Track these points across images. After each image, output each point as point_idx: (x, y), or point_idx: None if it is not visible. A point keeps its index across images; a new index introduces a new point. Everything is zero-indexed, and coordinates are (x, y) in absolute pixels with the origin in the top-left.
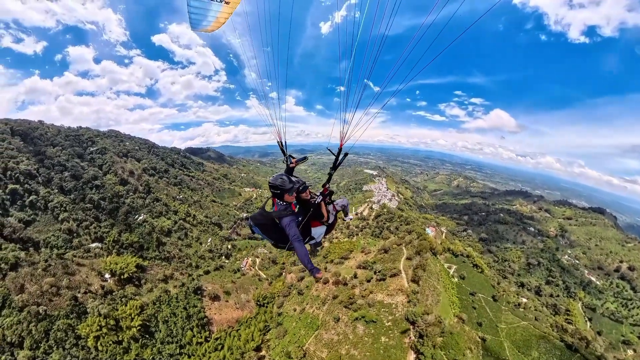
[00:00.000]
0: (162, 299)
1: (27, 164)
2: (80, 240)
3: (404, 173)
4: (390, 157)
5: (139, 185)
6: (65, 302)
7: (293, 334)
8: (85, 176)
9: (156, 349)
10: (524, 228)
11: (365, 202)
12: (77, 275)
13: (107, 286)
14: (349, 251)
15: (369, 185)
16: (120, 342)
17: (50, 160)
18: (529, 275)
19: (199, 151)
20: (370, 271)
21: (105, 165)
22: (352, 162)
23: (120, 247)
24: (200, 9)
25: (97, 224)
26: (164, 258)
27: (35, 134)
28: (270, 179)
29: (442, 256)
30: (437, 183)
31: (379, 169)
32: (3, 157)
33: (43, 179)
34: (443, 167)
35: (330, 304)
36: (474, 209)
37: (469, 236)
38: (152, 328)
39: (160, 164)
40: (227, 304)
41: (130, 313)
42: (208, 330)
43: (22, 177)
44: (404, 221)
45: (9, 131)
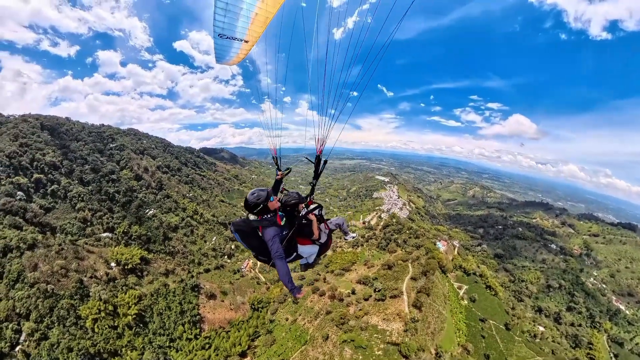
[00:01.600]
0: (160, 292)
1: (52, 156)
2: (93, 229)
3: (416, 181)
4: (403, 163)
5: (152, 182)
6: (72, 283)
7: (280, 345)
8: (104, 170)
9: (147, 338)
10: (544, 245)
11: (374, 211)
12: (86, 260)
13: (112, 274)
14: (352, 263)
15: (380, 192)
16: (115, 327)
17: (73, 153)
18: (548, 299)
19: (213, 151)
20: (370, 288)
21: (122, 161)
22: (364, 168)
23: (128, 239)
24: (224, 46)
25: (110, 215)
26: (168, 252)
27: (62, 129)
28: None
29: (453, 274)
30: (451, 192)
31: (390, 175)
32: (31, 149)
33: (65, 171)
34: (458, 175)
35: (322, 319)
36: (490, 221)
37: (484, 251)
38: (146, 318)
39: (174, 163)
40: (222, 304)
41: (129, 301)
42: (199, 328)
43: (47, 168)
44: (413, 234)
45: (39, 126)
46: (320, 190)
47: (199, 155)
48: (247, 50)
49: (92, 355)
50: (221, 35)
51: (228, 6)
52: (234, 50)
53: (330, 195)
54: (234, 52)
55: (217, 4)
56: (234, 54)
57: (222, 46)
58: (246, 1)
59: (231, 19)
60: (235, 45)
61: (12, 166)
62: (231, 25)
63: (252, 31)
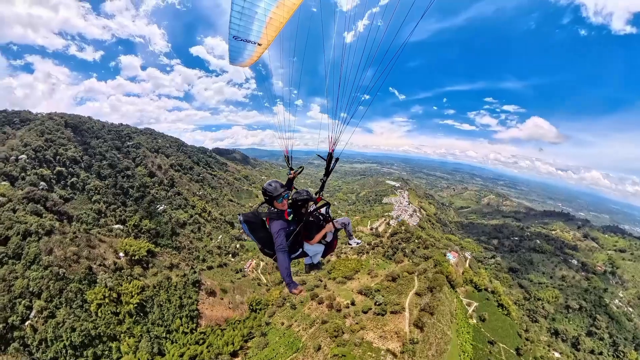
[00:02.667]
0: (162, 285)
1: (74, 151)
2: (106, 220)
3: (428, 186)
4: (415, 168)
5: (165, 179)
6: (82, 269)
7: (272, 349)
8: (120, 166)
9: (146, 327)
10: (564, 260)
11: (383, 217)
12: (97, 249)
13: (119, 263)
14: (355, 271)
15: (390, 197)
16: (117, 314)
17: (93, 149)
18: (566, 321)
19: (225, 152)
20: (371, 300)
21: (138, 158)
22: (374, 172)
23: (138, 232)
24: (238, 48)
25: (123, 208)
26: (174, 247)
27: (84, 127)
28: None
29: (462, 289)
30: (464, 199)
31: (401, 180)
32: (55, 144)
33: (85, 165)
34: (472, 182)
35: (317, 328)
36: (506, 231)
37: (497, 265)
38: (147, 308)
39: (187, 161)
40: (221, 302)
41: (132, 291)
42: (196, 323)
43: (68, 162)
44: (422, 244)
45: (63, 123)
46: (329, 193)
47: (211, 155)
48: (260, 53)
49: (93, 337)
50: (236, 38)
51: (244, 10)
52: (247, 52)
53: (339, 199)
54: (247, 55)
55: (233, 7)
56: (247, 56)
57: (236, 48)
58: (261, 6)
59: (246, 22)
60: (249, 47)
61: (37, 159)
62: (246, 28)
63: (266, 35)
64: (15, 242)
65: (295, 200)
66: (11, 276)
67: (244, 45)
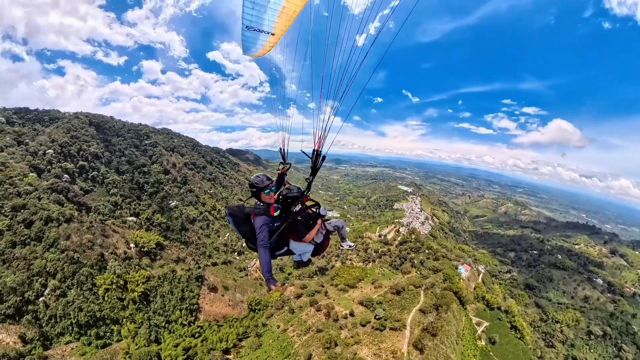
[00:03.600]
0: (167, 276)
1: (96, 147)
2: (121, 212)
3: (442, 193)
4: (429, 173)
5: (178, 177)
6: (94, 255)
7: (264, 351)
8: (137, 163)
9: (147, 315)
10: (588, 278)
11: (393, 223)
12: (110, 238)
13: (129, 253)
14: (358, 279)
15: (401, 203)
16: (122, 300)
17: (113, 147)
18: (586, 349)
19: (239, 152)
20: (371, 313)
21: (154, 156)
22: (386, 177)
23: (150, 225)
24: (251, 38)
25: (138, 202)
26: (183, 242)
27: (106, 126)
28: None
29: (473, 306)
30: (480, 208)
31: (414, 185)
32: (80, 140)
33: (105, 161)
34: (489, 189)
35: (311, 336)
36: (524, 244)
37: (513, 280)
38: (150, 297)
39: (200, 161)
40: (221, 298)
41: (138, 280)
42: (195, 316)
43: (90, 157)
44: (433, 254)
45: (87, 122)
46: (340, 196)
47: (224, 155)
48: (273, 43)
49: (97, 318)
50: (249, 28)
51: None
52: (260, 42)
53: (349, 202)
54: (260, 44)
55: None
56: (260, 46)
57: (249, 38)
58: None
59: (259, 11)
60: (262, 37)
61: (63, 153)
62: (259, 18)
63: (278, 24)
64: (38, 226)
65: (285, 196)
66: (31, 256)
67: (257, 35)
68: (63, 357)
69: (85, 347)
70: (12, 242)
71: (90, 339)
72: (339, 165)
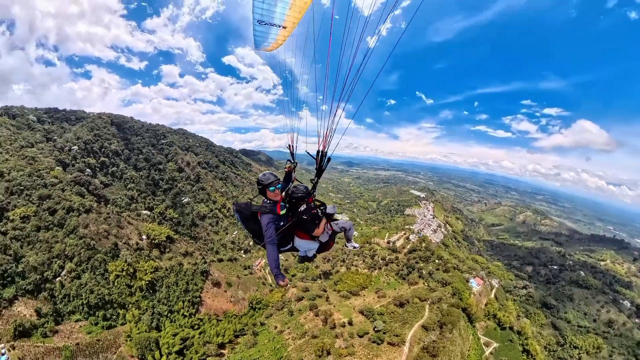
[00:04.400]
0: (174, 269)
1: (116, 145)
2: (137, 205)
3: (457, 199)
4: (443, 178)
5: (191, 175)
6: (109, 244)
7: (258, 350)
8: (154, 160)
9: (152, 303)
10: (613, 300)
11: (403, 230)
12: (125, 229)
13: (141, 244)
14: (362, 287)
15: (413, 209)
16: (130, 286)
17: (132, 145)
18: None
19: (251, 153)
20: (370, 324)
21: (169, 154)
22: (399, 180)
23: (162, 219)
24: (262, 32)
25: (152, 197)
26: (192, 237)
27: (126, 126)
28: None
29: (482, 324)
30: (497, 216)
31: (427, 191)
32: (102, 138)
33: (124, 158)
34: (507, 196)
35: (306, 341)
36: (543, 257)
37: (529, 297)
38: (156, 287)
39: (213, 160)
40: (224, 294)
41: (146, 269)
42: (196, 309)
43: (111, 154)
44: (443, 266)
45: (109, 122)
46: (350, 200)
47: (237, 156)
48: (284, 37)
49: (106, 301)
50: (260, 22)
51: None
52: (272, 36)
53: (360, 206)
54: (272, 39)
55: None
56: (272, 40)
57: (261, 32)
58: None
59: (269, 5)
60: (273, 31)
61: (86, 150)
62: (270, 11)
63: (290, 17)
64: (61, 214)
65: (292, 194)
66: (53, 240)
67: (268, 29)
68: (71, 333)
69: (92, 327)
70: (37, 227)
71: (97, 319)
72: (350, 167)
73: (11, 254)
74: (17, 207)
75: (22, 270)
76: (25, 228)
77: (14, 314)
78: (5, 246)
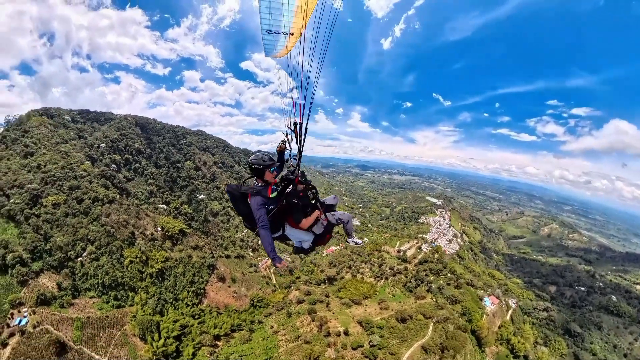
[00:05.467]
0: (183, 260)
1: (140, 144)
2: (155, 199)
3: (476, 207)
4: (462, 184)
5: (207, 173)
6: (126, 233)
7: (250, 347)
8: (173, 159)
9: (159, 290)
10: None
11: (416, 238)
12: (142, 220)
13: (155, 235)
14: (365, 296)
15: (428, 217)
16: (142, 272)
17: (154, 144)
18: None
19: None
20: (367, 336)
21: (187, 154)
22: (415, 186)
23: (177, 213)
24: (272, 40)
25: (170, 192)
26: (203, 232)
27: (149, 127)
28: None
29: (494, 349)
30: (519, 227)
31: (444, 198)
32: (127, 137)
33: (146, 155)
34: (530, 205)
35: (297, 345)
36: (569, 276)
37: (550, 322)
38: (165, 275)
39: (229, 160)
40: (227, 289)
41: (158, 258)
42: (199, 300)
43: (134, 152)
44: (455, 280)
45: (134, 123)
46: (363, 204)
47: None
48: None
49: (118, 283)
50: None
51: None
52: (281, 43)
53: (372, 211)
54: (281, 45)
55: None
56: (281, 46)
57: (270, 41)
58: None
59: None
60: (281, 38)
61: (113, 147)
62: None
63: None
64: (87, 203)
65: (284, 177)
66: (78, 225)
67: (276, 37)
68: (85, 307)
69: (103, 304)
70: (65, 213)
71: (109, 298)
72: (365, 171)
73: (42, 234)
74: (50, 195)
75: (50, 248)
76: (55, 213)
77: (39, 285)
78: (37, 227)
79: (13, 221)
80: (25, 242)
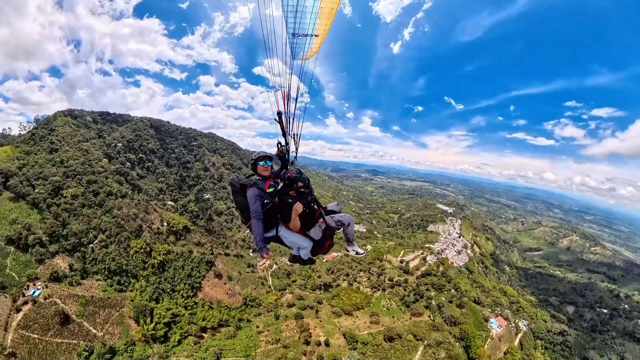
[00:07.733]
0: (184, 255)
1: (153, 144)
2: (164, 197)
3: (489, 216)
4: (475, 192)
5: (215, 174)
6: (135, 225)
7: (233, 343)
8: (183, 159)
9: (158, 280)
10: None
11: (421, 248)
12: (150, 215)
13: (161, 230)
14: (357, 307)
15: (437, 225)
16: (144, 262)
17: (166, 145)
18: None
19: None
20: (348, 351)
21: (197, 155)
22: (425, 192)
23: (184, 210)
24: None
25: (178, 191)
26: (207, 229)
27: (163, 129)
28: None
29: None
30: (535, 238)
31: (456, 205)
32: (141, 138)
33: (159, 155)
34: (548, 214)
35: (276, 348)
36: (590, 296)
37: (566, 348)
38: (165, 267)
39: (237, 162)
40: (222, 286)
41: (160, 251)
42: (194, 293)
43: (148, 151)
44: (458, 298)
45: (149, 124)
46: (371, 210)
47: None
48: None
49: (122, 270)
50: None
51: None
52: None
53: (380, 218)
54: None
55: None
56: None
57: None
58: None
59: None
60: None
61: (128, 147)
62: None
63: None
64: (102, 197)
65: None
66: (92, 215)
67: (302, 40)
68: (91, 287)
69: (107, 287)
70: (82, 204)
71: (113, 282)
72: (375, 176)
73: (60, 221)
74: (70, 188)
75: (66, 234)
76: (73, 204)
77: (53, 264)
78: (57, 214)
79: (37, 208)
80: (45, 226)
